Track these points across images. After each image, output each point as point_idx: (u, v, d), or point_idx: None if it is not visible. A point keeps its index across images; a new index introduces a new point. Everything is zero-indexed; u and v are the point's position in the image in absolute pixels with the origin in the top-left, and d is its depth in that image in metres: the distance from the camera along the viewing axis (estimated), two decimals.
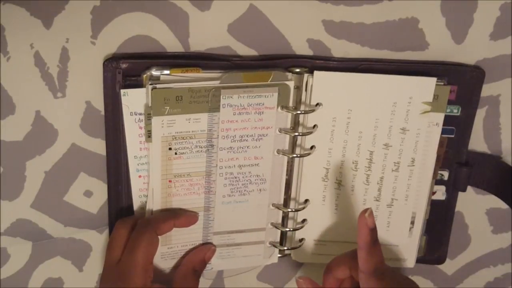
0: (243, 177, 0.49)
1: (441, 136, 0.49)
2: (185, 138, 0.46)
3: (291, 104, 0.47)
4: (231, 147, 0.47)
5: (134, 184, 0.48)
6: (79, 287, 0.53)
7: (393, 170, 0.50)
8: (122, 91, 0.45)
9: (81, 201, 0.50)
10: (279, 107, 0.47)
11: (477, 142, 0.53)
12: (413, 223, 0.52)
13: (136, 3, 0.44)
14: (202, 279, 0.51)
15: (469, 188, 0.54)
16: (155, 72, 0.45)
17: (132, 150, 0.47)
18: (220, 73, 0.46)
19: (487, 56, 0.49)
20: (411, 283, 0.44)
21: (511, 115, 0.51)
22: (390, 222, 0.52)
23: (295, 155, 0.49)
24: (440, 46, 0.48)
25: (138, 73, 0.45)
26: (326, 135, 0.49)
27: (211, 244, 0.51)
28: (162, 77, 0.45)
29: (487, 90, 0.50)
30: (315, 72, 0.46)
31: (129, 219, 0.48)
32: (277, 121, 0.48)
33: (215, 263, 0.52)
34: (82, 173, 0.49)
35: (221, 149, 0.47)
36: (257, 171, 0.49)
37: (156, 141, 0.46)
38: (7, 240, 0.50)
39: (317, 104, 0.47)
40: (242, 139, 0.47)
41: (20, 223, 0.49)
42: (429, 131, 0.49)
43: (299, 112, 0.47)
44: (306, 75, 0.47)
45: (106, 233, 0.51)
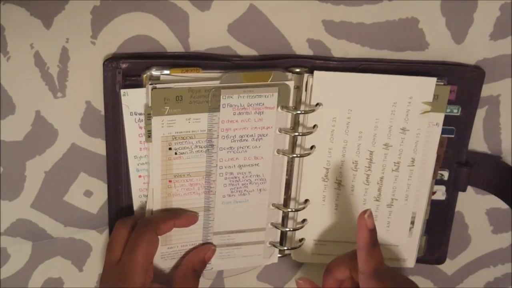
0: (243, 177, 0.49)
1: (441, 136, 0.49)
2: (185, 138, 0.46)
3: (291, 104, 0.47)
4: (231, 147, 0.47)
5: (134, 184, 0.48)
6: (79, 287, 0.53)
7: (393, 170, 0.50)
8: (122, 91, 0.45)
9: (81, 201, 0.50)
10: (279, 107, 0.47)
11: (477, 142, 0.53)
12: (413, 223, 0.52)
13: (136, 3, 0.44)
14: (202, 279, 0.51)
15: (469, 188, 0.54)
16: (155, 72, 0.45)
17: (132, 150, 0.47)
18: (220, 73, 0.46)
19: (487, 56, 0.49)
20: (410, 283, 0.44)
21: (511, 115, 0.51)
22: (390, 222, 0.52)
23: (295, 155, 0.49)
24: (440, 46, 0.48)
25: (138, 73, 0.45)
26: (326, 135, 0.48)
27: (211, 244, 0.51)
28: (162, 77, 0.45)
29: (487, 90, 0.50)
30: (315, 72, 0.46)
31: (129, 219, 0.48)
32: (277, 121, 0.47)
33: (215, 263, 0.52)
34: (82, 173, 0.49)
35: (221, 149, 0.47)
36: (257, 171, 0.49)
37: (156, 141, 0.46)
38: (7, 240, 0.50)
39: (317, 104, 0.47)
40: (242, 139, 0.47)
41: (20, 223, 0.49)
42: (429, 131, 0.49)
43: (299, 112, 0.47)
44: (306, 75, 0.47)
45: (106, 233, 0.51)
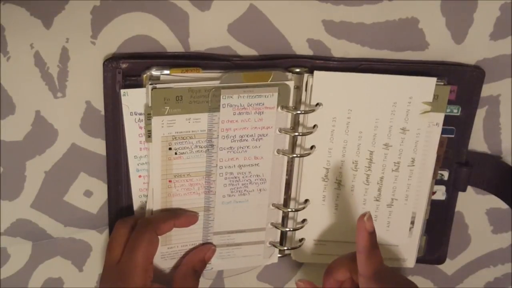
0: (243, 177, 0.49)
1: (441, 136, 0.49)
2: (185, 138, 0.46)
3: (291, 104, 0.47)
4: (231, 147, 0.47)
5: (134, 184, 0.48)
6: (79, 287, 0.53)
7: (393, 170, 0.50)
8: (122, 91, 0.45)
9: (81, 201, 0.50)
10: (279, 107, 0.47)
11: (477, 142, 0.52)
12: (413, 223, 0.52)
13: (136, 3, 0.44)
14: (202, 279, 0.51)
15: (469, 188, 0.54)
16: (155, 72, 0.45)
17: (132, 150, 0.47)
18: (220, 73, 0.46)
19: (487, 56, 0.49)
20: (410, 284, 0.44)
21: (511, 115, 0.51)
22: (390, 222, 0.52)
23: (295, 155, 0.49)
24: (440, 46, 0.48)
25: (138, 73, 0.45)
26: (326, 135, 0.48)
27: (211, 244, 0.51)
28: (162, 77, 0.45)
29: (487, 90, 0.50)
30: (315, 72, 0.46)
31: (129, 219, 0.48)
32: (277, 121, 0.47)
33: (215, 263, 0.52)
34: (82, 173, 0.49)
35: (221, 149, 0.47)
36: (257, 171, 0.49)
37: (156, 141, 0.46)
38: (7, 240, 0.50)
39: (317, 104, 0.47)
40: (242, 139, 0.47)
41: (20, 223, 0.49)
42: (429, 131, 0.49)
43: (299, 112, 0.47)
44: (306, 75, 0.47)
45: (106, 233, 0.51)
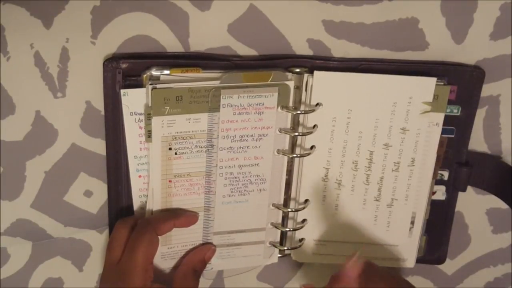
0: (243, 177, 0.49)
1: (441, 136, 0.49)
2: (185, 138, 0.46)
3: (291, 104, 0.47)
4: (231, 147, 0.47)
5: (134, 184, 0.48)
6: (79, 287, 0.53)
7: (393, 170, 0.50)
8: (122, 91, 0.45)
9: (81, 201, 0.50)
10: (279, 107, 0.47)
11: (477, 142, 0.52)
12: (413, 223, 0.52)
13: (136, 3, 0.44)
14: (202, 279, 0.51)
15: (469, 188, 0.54)
16: (155, 72, 0.45)
17: (132, 150, 0.47)
18: (220, 73, 0.45)
19: (487, 56, 0.49)
20: (406, 283, 0.44)
21: (511, 115, 0.51)
22: (390, 222, 0.52)
23: (295, 155, 0.49)
24: (440, 46, 0.48)
25: (138, 73, 0.45)
26: (326, 135, 0.48)
27: (211, 244, 0.51)
28: (162, 77, 0.45)
29: (487, 90, 0.50)
30: (315, 72, 0.46)
31: (129, 219, 0.48)
32: (277, 121, 0.47)
33: (215, 263, 0.52)
34: (82, 173, 0.49)
35: (221, 149, 0.47)
36: (257, 171, 0.49)
37: (156, 141, 0.46)
38: (7, 240, 0.50)
39: (317, 104, 0.47)
40: (242, 139, 0.47)
41: (20, 223, 0.49)
42: (429, 131, 0.49)
43: (299, 112, 0.47)
44: (306, 75, 0.47)
45: (106, 233, 0.51)
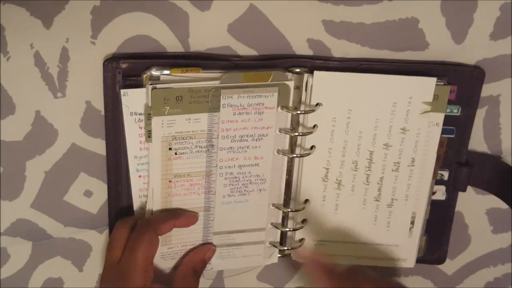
0: (243, 177, 0.49)
1: (441, 136, 0.49)
2: (185, 138, 0.46)
3: (291, 104, 0.47)
4: (231, 147, 0.47)
5: (134, 184, 0.48)
6: (79, 287, 0.53)
7: (393, 170, 0.50)
8: (122, 91, 0.45)
9: (81, 201, 0.50)
10: (279, 107, 0.47)
11: (477, 142, 0.52)
12: (413, 223, 0.52)
13: (136, 3, 0.44)
14: (202, 279, 0.51)
15: (469, 188, 0.54)
16: (155, 72, 0.45)
17: (132, 150, 0.47)
18: (220, 73, 0.45)
19: (487, 56, 0.49)
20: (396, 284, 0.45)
21: (511, 115, 0.51)
22: (390, 222, 0.52)
23: (295, 155, 0.49)
24: (440, 46, 0.48)
25: (138, 73, 0.45)
26: (326, 135, 0.48)
27: (211, 244, 0.51)
28: (162, 77, 0.45)
29: (487, 90, 0.50)
30: (315, 72, 0.46)
31: (129, 219, 0.48)
32: (277, 121, 0.47)
33: (215, 263, 0.52)
34: (82, 173, 0.49)
35: (221, 149, 0.47)
36: (257, 171, 0.49)
37: (156, 141, 0.46)
38: (7, 240, 0.50)
39: (317, 104, 0.47)
40: (242, 139, 0.47)
41: (20, 223, 0.49)
42: (429, 131, 0.49)
43: (299, 112, 0.47)
44: (306, 75, 0.47)
45: (106, 233, 0.51)
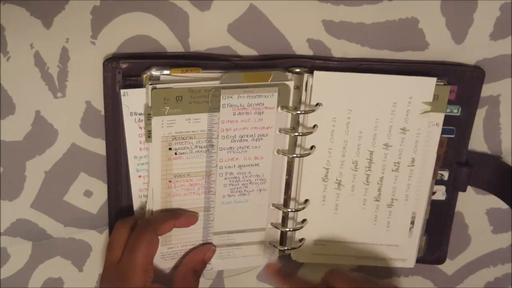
0: (243, 177, 0.49)
1: (441, 136, 0.49)
2: (185, 138, 0.46)
3: (291, 104, 0.47)
4: (231, 147, 0.47)
5: (134, 184, 0.48)
6: (79, 287, 0.53)
7: (393, 170, 0.50)
8: (122, 91, 0.45)
9: (81, 201, 0.50)
10: (279, 107, 0.47)
11: (477, 142, 0.52)
12: (413, 223, 0.52)
13: (136, 3, 0.44)
14: (202, 279, 0.51)
15: (469, 188, 0.54)
16: (155, 72, 0.45)
17: (132, 150, 0.47)
18: (220, 73, 0.45)
19: (487, 56, 0.49)
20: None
21: (511, 115, 0.51)
22: (390, 222, 0.52)
23: (295, 155, 0.49)
24: (440, 46, 0.48)
25: (138, 73, 0.45)
26: (326, 135, 0.48)
27: (211, 244, 0.51)
28: (162, 77, 0.45)
29: (487, 90, 0.50)
30: (315, 72, 0.46)
31: (129, 219, 0.48)
32: (277, 121, 0.47)
33: (215, 263, 0.52)
34: (82, 173, 0.49)
35: (221, 149, 0.47)
36: (257, 171, 0.49)
37: (156, 141, 0.46)
38: (7, 240, 0.50)
39: (317, 104, 0.47)
40: (242, 139, 0.47)
41: (20, 223, 0.49)
42: (429, 131, 0.49)
43: (299, 112, 0.47)
44: (306, 75, 0.47)
45: (106, 233, 0.51)
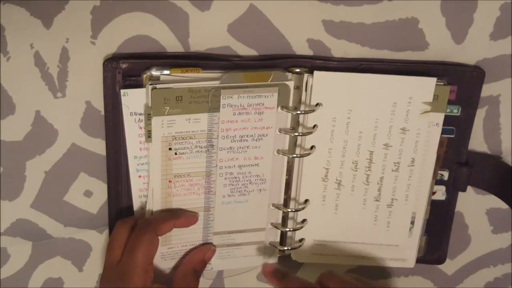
0: (243, 177, 0.49)
1: (441, 136, 0.49)
2: (185, 138, 0.46)
3: (291, 104, 0.47)
4: (231, 147, 0.47)
5: (134, 184, 0.48)
6: (79, 287, 0.53)
7: (393, 170, 0.50)
8: (122, 91, 0.45)
9: (81, 201, 0.50)
10: (279, 107, 0.47)
11: (477, 142, 0.52)
12: (413, 223, 0.52)
13: (136, 3, 0.44)
14: (202, 279, 0.51)
15: (469, 188, 0.54)
16: (155, 72, 0.45)
17: (132, 150, 0.47)
18: (220, 73, 0.45)
19: (487, 56, 0.49)
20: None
21: (511, 115, 0.51)
22: (390, 222, 0.52)
23: (295, 155, 0.49)
24: (440, 46, 0.48)
25: (138, 73, 0.45)
26: (326, 135, 0.48)
27: (211, 244, 0.51)
28: (162, 77, 0.45)
29: (487, 90, 0.50)
30: (315, 72, 0.46)
31: (129, 219, 0.48)
32: (277, 121, 0.47)
33: (215, 263, 0.52)
34: (82, 173, 0.49)
35: (221, 149, 0.47)
36: (257, 171, 0.49)
37: (156, 141, 0.46)
38: (7, 240, 0.50)
39: (317, 104, 0.47)
40: (242, 139, 0.47)
41: (20, 223, 0.49)
42: (429, 131, 0.49)
43: (299, 112, 0.47)
44: (306, 75, 0.47)
45: (106, 233, 0.51)
